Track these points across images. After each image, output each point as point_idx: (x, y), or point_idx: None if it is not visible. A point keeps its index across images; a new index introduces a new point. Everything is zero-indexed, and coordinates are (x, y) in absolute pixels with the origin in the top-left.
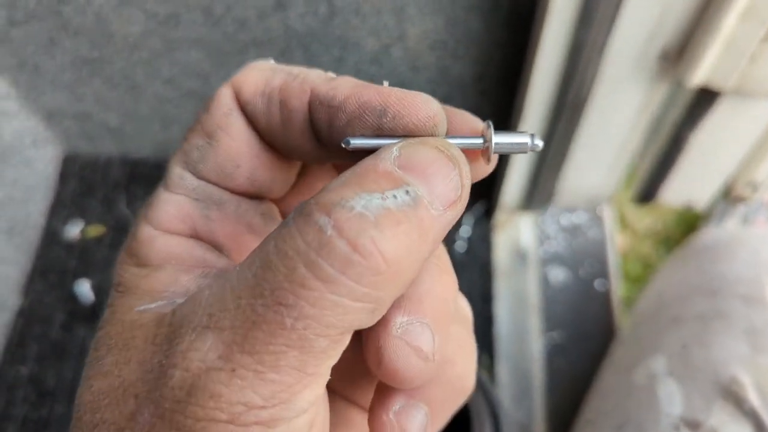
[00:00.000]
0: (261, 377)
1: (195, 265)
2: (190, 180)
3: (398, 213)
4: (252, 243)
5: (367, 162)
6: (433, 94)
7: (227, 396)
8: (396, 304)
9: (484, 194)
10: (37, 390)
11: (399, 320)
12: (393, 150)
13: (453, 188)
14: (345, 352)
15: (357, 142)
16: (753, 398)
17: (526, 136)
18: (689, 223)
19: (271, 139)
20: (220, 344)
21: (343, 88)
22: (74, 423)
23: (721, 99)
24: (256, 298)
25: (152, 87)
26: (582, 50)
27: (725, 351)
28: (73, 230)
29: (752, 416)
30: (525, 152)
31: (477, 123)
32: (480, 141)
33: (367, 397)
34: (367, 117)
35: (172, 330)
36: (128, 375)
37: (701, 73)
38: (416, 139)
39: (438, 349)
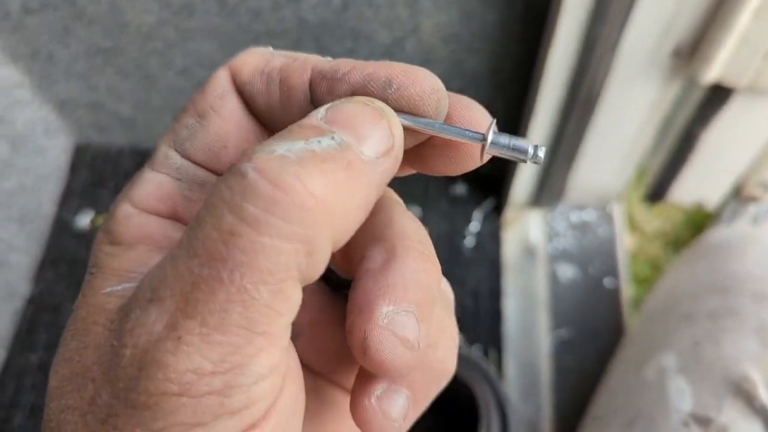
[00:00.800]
0: (207, 340)
1: (169, 245)
2: (175, 159)
3: (323, 153)
4: None
5: (293, 124)
6: (447, 87)
7: (174, 365)
8: (381, 293)
9: (494, 190)
10: (46, 378)
11: (384, 310)
12: (320, 110)
13: (383, 136)
14: (327, 333)
15: None
16: (763, 395)
17: (529, 145)
18: (698, 224)
19: (268, 119)
20: (164, 314)
21: (345, 63)
22: (45, 410)
23: (734, 97)
24: (191, 258)
25: (165, 77)
26: (595, 46)
27: (736, 348)
28: (84, 220)
29: (762, 413)
30: (524, 161)
31: (479, 114)
32: (479, 136)
33: (352, 379)
34: (371, 88)
35: (124, 312)
36: (85, 360)
37: (715, 70)
38: (343, 99)
39: (423, 336)
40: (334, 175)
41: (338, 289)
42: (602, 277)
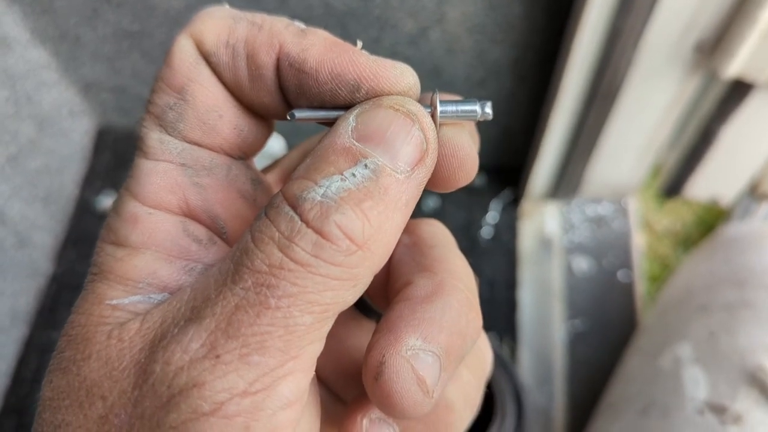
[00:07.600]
0: (246, 360)
1: (178, 255)
2: (173, 143)
3: (359, 191)
4: (246, 211)
5: (326, 141)
6: (469, 78)
7: (211, 383)
8: (414, 324)
9: (512, 182)
10: None
11: (412, 342)
12: (350, 120)
13: (416, 145)
14: (342, 347)
15: (302, 115)
16: None
17: (476, 104)
18: (708, 223)
19: (236, 92)
20: (203, 332)
21: (314, 50)
22: (36, 418)
23: (754, 92)
24: (236, 283)
25: None
26: (618, 39)
27: (752, 339)
28: (106, 201)
29: None
30: (475, 120)
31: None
32: (427, 110)
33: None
34: (339, 93)
35: (148, 328)
36: (89, 373)
37: (736, 64)
38: (370, 102)
39: (440, 387)
40: (373, 211)
41: (363, 310)
42: (616, 269)
